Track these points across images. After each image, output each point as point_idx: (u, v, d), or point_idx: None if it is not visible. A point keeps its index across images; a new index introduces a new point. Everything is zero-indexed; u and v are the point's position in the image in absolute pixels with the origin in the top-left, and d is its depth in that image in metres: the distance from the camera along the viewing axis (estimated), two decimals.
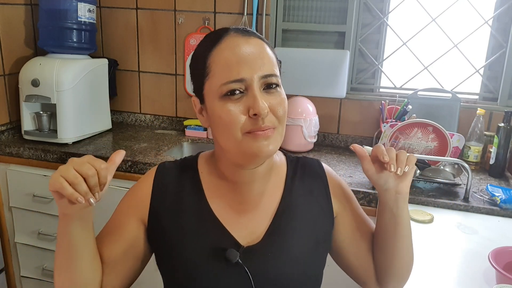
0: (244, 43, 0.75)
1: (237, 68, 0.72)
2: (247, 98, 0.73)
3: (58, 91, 1.83)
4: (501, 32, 1.89)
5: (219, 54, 0.74)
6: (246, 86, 0.73)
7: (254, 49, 0.74)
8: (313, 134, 1.94)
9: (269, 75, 0.74)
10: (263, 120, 0.72)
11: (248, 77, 0.72)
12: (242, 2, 2.03)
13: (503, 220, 1.39)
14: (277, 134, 0.75)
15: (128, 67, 2.28)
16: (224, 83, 0.72)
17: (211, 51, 0.75)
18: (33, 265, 1.96)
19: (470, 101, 1.96)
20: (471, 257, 1.15)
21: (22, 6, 2.03)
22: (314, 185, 0.89)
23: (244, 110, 0.73)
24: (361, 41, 2.03)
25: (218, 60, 0.74)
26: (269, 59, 0.76)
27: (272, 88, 0.75)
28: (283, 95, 0.77)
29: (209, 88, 0.75)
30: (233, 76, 0.72)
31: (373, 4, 1.98)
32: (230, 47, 0.74)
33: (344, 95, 1.96)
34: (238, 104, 0.73)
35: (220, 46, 0.75)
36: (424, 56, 1.98)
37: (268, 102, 0.73)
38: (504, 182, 1.68)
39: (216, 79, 0.74)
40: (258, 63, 0.73)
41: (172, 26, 2.17)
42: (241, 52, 0.73)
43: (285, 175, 0.88)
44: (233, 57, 0.73)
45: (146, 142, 2.01)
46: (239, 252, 0.78)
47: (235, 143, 0.74)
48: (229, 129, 0.73)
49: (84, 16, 1.96)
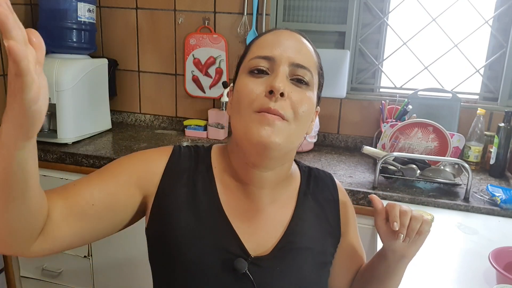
0: (288, 33, 0.75)
1: (271, 47, 0.72)
2: (269, 78, 0.70)
3: (58, 91, 1.83)
4: (501, 32, 1.88)
5: (261, 39, 0.76)
6: (274, 67, 0.71)
7: (296, 40, 0.74)
8: (313, 134, 1.93)
9: (302, 66, 0.71)
10: (276, 100, 0.68)
11: (278, 57, 0.71)
12: (242, 2, 2.03)
13: (504, 220, 1.39)
14: (286, 128, 0.69)
15: (128, 67, 2.28)
16: (253, 57, 0.72)
17: (257, 39, 0.77)
18: (32, 265, 1.96)
19: (470, 101, 1.96)
20: (471, 257, 1.15)
21: (22, 6, 2.03)
22: (326, 201, 0.85)
23: (263, 89, 0.69)
24: (361, 41, 2.03)
25: (258, 42, 0.76)
26: (309, 54, 0.75)
27: (301, 83, 0.72)
28: (310, 96, 0.73)
29: (242, 66, 0.75)
30: (264, 52, 0.71)
31: (373, 4, 1.97)
32: (273, 33, 0.76)
33: (344, 95, 1.96)
34: (259, 82, 0.70)
35: (264, 36, 0.76)
36: (424, 56, 1.98)
37: (289, 91, 0.70)
38: (505, 182, 1.68)
39: (248, 56, 0.74)
40: (293, 49, 0.72)
41: (172, 26, 2.17)
42: (280, 37, 0.74)
43: (298, 187, 0.84)
44: (271, 37, 0.74)
45: (146, 142, 2.01)
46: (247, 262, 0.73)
47: (243, 122, 0.70)
48: (242, 104, 0.70)
49: (84, 16, 1.96)
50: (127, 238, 1.77)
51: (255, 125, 0.68)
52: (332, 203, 0.86)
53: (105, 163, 1.73)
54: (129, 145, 1.93)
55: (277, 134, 0.68)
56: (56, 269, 1.91)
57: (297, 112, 0.70)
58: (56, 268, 1.91)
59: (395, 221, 0.73)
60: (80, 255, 1.86)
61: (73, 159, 1.77)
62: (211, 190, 0.78)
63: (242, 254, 0.74)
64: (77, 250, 1.86)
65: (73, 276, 1.91)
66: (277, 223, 0.79)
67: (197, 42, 2.14)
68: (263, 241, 0.76)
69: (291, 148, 0.75)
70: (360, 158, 1.90)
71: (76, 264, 1.88)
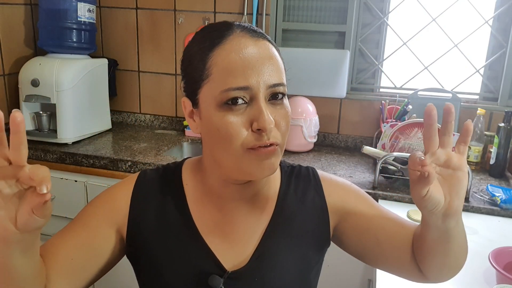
0: (253, 45, 0.65)
1: (243, 74, 0.63)
2: (250, 110, 0.64)
3: (58, 91, 1.83)
4: (501, 32, 1.88)
5: (222, 56, 0.64)
6: (251, 96, 0.64)
7: (264, 54, 0.65)
8: (313, 134, 1.93)
9: (278, 85, 0.66)
10: (268, 135, 0.64)
11: (255, 85, 0.63)
12: (242, 2, 2.03)
13: (503, 220, 1.39)
14: (279, 151, 0.67)
15: (128, 67, 2.28)
16: (226, 89, 0.63)
17: (212, 51, 0.65)
18: None
19: (470, 101, 1.96)
20: (471, 257, 1.14)
21: (22, 6, 2.03)
22: (309, 199, 0.79)
23: (247, 123, 0.64)
24: (361, 41, 2.03)
25: (221, 63, 0.64)
26: (278, 66, 0.67)
27: (278, 99, 0.67)
28: (288, 108, 0.69)
29: (207, 93, 0.66)
30: (238, 82, 0.63)
31: (373, 4, 1.97)
32: (236, 49, 0.64)
33: (344, 95, 1.96)
34: (240, 116, 0.64)
35: (223, 47, 0.65)
36: (424, 56, 1.98)
37: (273, 115, 0.64)
38: (505, 182, 1.68)
39: (216, 84, 0.64)
40: (267, 70, 0.64)
41: (172, 26, 2.17)
42: (249, 56, 0.64)
43: (279, 189, 0.79)
44: (239, 60, 0.63)
45: (146, 142, 2.01)
46: (223, 278, 0.71)
47: (234, 159, 0.65)
48: (229, 143, 0.64)
49: (84, 16, 1.96)
50: None
51: (253, 161, 0.65)
52: (317, 197, 0.79)
53: (105, 163, 1.73)
54: (129, 145, 1.93)
55: (276, 161, 0.67)
56: None
57: (283, 131, 0.67)
58: None
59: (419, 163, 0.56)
60: None
61: (73, 159, 1.77)
62: (182, 210, 0.75)
63: (218, 271, 0.72)
64: None
65: None
66: (255, 231, 0.75)
67: None
68: (240, 254, 0.74)
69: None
70: (360, 158, 1.90)
71: None
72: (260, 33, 0.68)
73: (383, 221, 0.77)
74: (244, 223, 0.75)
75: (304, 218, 0.78)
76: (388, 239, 0.76)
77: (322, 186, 0.81)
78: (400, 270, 0.77)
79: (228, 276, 0.72)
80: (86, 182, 1.75)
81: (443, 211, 0.60)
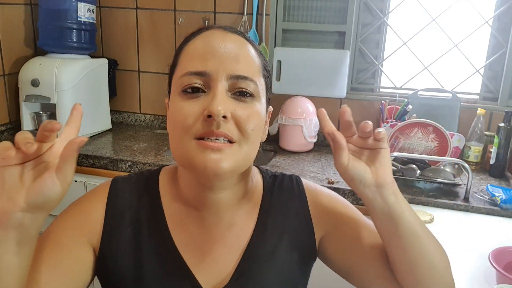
0: (221, 36, 0.63)
1: (202, 59, 0.60)
2: (206, 97, 0.60)
3: (58, 91, 1.83)
4: (501, 32, 1.88)
5: (189, 46, 0.64)
6: (209, 84, 0.60)
7: (231, 45, 0.62)
8: (313, 134, 1.93)
9: (243, 77, 0.60)
10: (217, 125, 0.58)
11: (213, 71, 0.59)
12: (242, 2, 2.03)
13: (503, 220, 1.39)
14: (236, 150, 0.60)
15: (128, 67, 2.28)
16: (184, 73, 0.61)
17: (185, 44, 0.65)
18: None
19: (471, 101, 1.96)
20: (471, 257, 1.15)
21: (22, 6, 2.03)
22: (292, 210, 0.74)
23: (200, 112, 0.59)
24: (361, 41, 2.03)
25: (187, 50, 0.64)
26: (249, 59, 0.63)
27: (245, 96, 0.61)
28: (258, 109, 0.63)
29: (173, 81, 0.65)
30: (195, 66, 0.60)
31: (373, 4, 1.97)
32: (203, 39, 0.63)
33: (344, 95, 1.96)
34: (194, 103, 0.60)
35: (194, 40, 0.64)
36: (424, 56, 1.98)
37: (233, 108, 0.59)
38: (505, 182, 1.68)
39: (178, 71, 0.63)
40: (230, 59, 0.60)
41: (172, 26, 2.17)
42: (213, 44, 0.61)
43: (260, 202, 0.73)
44: (202, 46, 0.61)
45: (146, 142, 2.01)
46: None
47: (182, 150, 0.60)
48: (179, 131, 0.60)
49: (84, 16, 1.96)
50: None
51: (197, 154, 0.59)
52: (301, 210, 0.74)
53: (105, 163, 1.73)
54: (129, 145, 1.93)
55: (226, 160, 0.59)
56: None
57: (245, 131, 0.60)
58: None
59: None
60: None
61: None
62: (159, 224, 0.69)
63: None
64: None
65: None
66: (236, 248, 0.70)
67: None
68: (219, 273, 0.68)
69: (245, 167, 0.65)
70: None
71: None
72: (236, 30, 0.66)
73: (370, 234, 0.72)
74: (224, 240, 0.69)
75: (287, 232, 0.73)
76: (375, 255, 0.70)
77: (306, 195, 0.76)
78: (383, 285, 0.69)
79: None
80: (86, 182, 1.75)
81: (374, 181, 0.62)
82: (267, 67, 0.68)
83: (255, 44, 0.67)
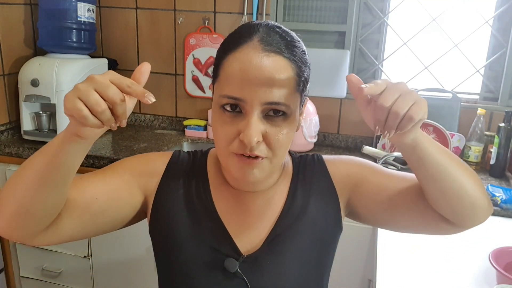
0: (258, 61, 0.66)
1: (239, 87, 0.66)
2: (242, 120, 0.67)
3: (57, 91, 1.83)
4: (501, 32, 1.88)
5: (229, 63, 0.68)
6: (245, 108, 0.67)
7: (267, 70, 0.65)
8: (313, 134, 1.93)
9: (276, 103, 0.66)
10: (251, 148, 0.67)
11: (248, 99, 0.66)
12: (242, 2, 2.03)
13: (504, 220, 1.39)
14: (267, 165, 0.70)
15: (128, 67, 2.28)
16: (223, 95, 0.68)
17: (225, 54, 0.69)
18: (32, 265, 1.96)
19: (471, 101, 1.96)
20: (471, 257, 1.15)
21: (22, 6, 2.03)
22: (316, 184, 0.83)
23: (236, 132, 0.68)
24: (361, 41, 2.03)
25: (227, 69, 0.68)
26: (283, 84, 0.67)
27: (278, 115, 0.68)
28: (289, 127, 0.70)
29: (215, 90, 0.72)
30: (233, 92, 0.66)
31: (373, 4, 1.97)
32: (241, 60, 0.67)
33: (344, 95, 1.96)
34: (232, 122, 0.68)
35: (234, 55, 0.68)
36: (424, 56, 1.98)
37: (264, 130, 0.67)
38: (505, 182, 1.67)
39: (219, 86, 0.70)
40: (264, 89, 0.65)
41: (172, 26, 2.17)
42: (249, 72, 0.65)
43: (291, 179, 0.84)
44: (239, 73, 0.66)
45: (146, 142, 2.01)
46: (238, 262, 0.76)
47: (223, 157, 0.72)
48: (220, 143, 0.70)
49: (83, 16, 1.96)
50: (127, 239, 1.77)
51: (235, 165, 0.70)
52: (324, 182, 0.83)
53: (104, 163, 1.73)
54: (129, 145, 1.93)
55: (259, 172, 0.70)
56: (56, 269, 1.91)
57: (275, 151, 0.69)
58: (56, 268, 1.91)
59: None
60: (80, 255, 1.86)
61: None
62: (205, 193, 0.81)
63: (234, 254, 0.77)
64: (77, 250, 1.86)
65: (73, 276, 1.91)
66: (269, 218, 0.80)
67: (197, 42, 2.14)
68: (254, 239, 0.79)
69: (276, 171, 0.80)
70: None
71: (76, 264, 1.88)
72: (276, 46, 0.67)
73: (391, 180, 0.79)
74: (259, 211, 0.80)
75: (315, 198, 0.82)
76: (401, 195, 0.77)
77: (327, 167, 0.85)
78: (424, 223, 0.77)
79: (244, 260, 0.76)
80: None
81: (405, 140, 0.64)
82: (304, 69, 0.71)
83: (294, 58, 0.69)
